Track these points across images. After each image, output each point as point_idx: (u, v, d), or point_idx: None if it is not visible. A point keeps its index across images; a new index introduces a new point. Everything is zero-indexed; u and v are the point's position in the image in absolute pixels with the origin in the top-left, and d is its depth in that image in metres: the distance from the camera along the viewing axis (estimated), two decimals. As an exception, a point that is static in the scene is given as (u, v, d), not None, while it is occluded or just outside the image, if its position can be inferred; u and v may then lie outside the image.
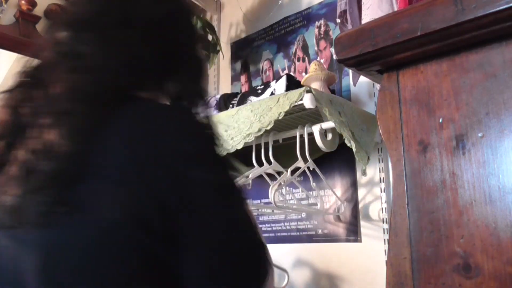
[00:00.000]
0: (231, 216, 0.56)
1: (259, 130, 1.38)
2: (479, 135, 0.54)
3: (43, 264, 0.50)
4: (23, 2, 2.02)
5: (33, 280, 0.50)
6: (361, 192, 1.61)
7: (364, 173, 1.43)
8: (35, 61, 0.66)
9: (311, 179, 1.49)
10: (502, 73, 0.53)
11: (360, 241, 1.57)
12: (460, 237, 0.53)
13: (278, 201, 1.73)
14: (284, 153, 1.57)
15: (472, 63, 0.56)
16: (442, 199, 0.55)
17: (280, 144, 1.53)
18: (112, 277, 0.50)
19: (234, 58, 2.21)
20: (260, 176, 1.49)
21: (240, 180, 1.46)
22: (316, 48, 1.87)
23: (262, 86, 1.54)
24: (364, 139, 1.40)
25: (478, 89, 0.55)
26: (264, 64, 2.06)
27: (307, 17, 1.92)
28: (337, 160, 1.65)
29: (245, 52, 2.16)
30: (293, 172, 1.41)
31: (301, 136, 1.39)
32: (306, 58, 1.89)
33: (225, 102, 1.64)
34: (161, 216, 0.51)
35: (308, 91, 1.29)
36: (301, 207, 1.64)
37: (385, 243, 1.49)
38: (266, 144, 1.48)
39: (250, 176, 1.44)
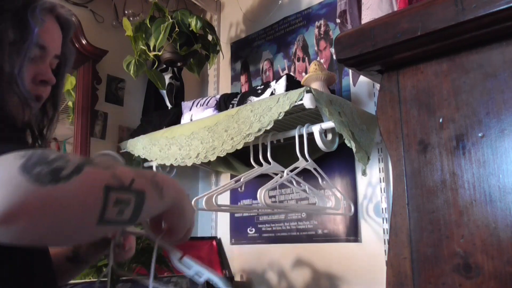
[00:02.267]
0: None
1: (259, 130, 1.38)
2: (479, 135, 0.54)
3: None
4: (23, 2, 2.02)
5: None
6: (361, 192, 1.61)
7: (364, 173, 1.43)
8: None
9: (319, 179, 1.50)
10: (502, 73, 0.53)
11: (360, 241, 1.57)
12: (460, 237, 0.53)
13: (269, 202, 1.73)
14: (284, 153, 1.57)
15: (472, 63, 0.56)
16: (442, 199, 0.55)
17: (279, 144, 1.53)
18: None
19: (234, 58, 2.21)
20: (261, 176, 1.49)
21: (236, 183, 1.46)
22: (316, 48, 1.87)
23: (262, 86, 1.54)
24: (364, 139, 1.40)
25: (478, 89, 0.55)
26: (264, 64, 2.06)
27: (307, 17, 1.92)
28: (337, 160, 1.65)
29: (245, 52, 2.16)
30: (293, 172, 1.42)
31: (301, 136, 1.39)
32: (306, 58, 1.89)
33: (225, 102, 1.64)
34: None
35: (308, 91, 1.29)
36: (309, 207, 1.64)
37: (385, 243, 1.49)
38: (265, 145, 1.48)
39: (242, 179, 1.44)
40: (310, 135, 1.38)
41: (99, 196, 0.47)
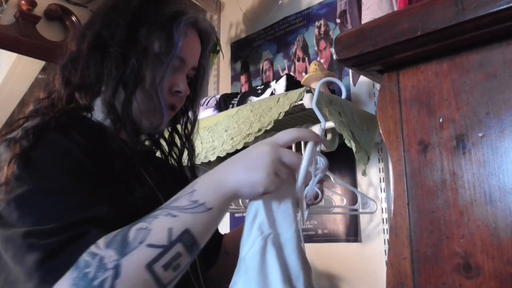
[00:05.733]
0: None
1: (259, 130, 1.38)
2: (480, 135, 0.54)
3: None
4: (23, 2, 2.02)
5: None
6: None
7: (364, 173, 1.43)
8: None
9: (332, 177, 1.49)
10: (503, 73, 0.53)
11: (360, 241, 1.57)
12: (460, 237, 0.53)
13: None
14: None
15: (473, 63, 0.56)
16: (442, 199, 0.55)
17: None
18: None
19: (234, 58, 2.21)
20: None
21: None
22: (316, 48, 1.87)
23: (262, 86, 1.54)
24: (364, 139, 1.40)
25: (479, 89, 0.55)
26: (264, 64, 2.06)
27: (307, 17, 1.92)
28: (337, 160, 1.65)
29: (245, 52, 2.16)
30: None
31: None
32: (306, 58, 1.89)
33: (225, 102, 1.64)
34: None
35: (308, 91, 1.29)
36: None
37: (385, 243, 1.49)
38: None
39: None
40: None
41: (147, 279, 0.53)
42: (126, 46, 0.75)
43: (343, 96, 0.68)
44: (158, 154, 0.96)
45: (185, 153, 0.93)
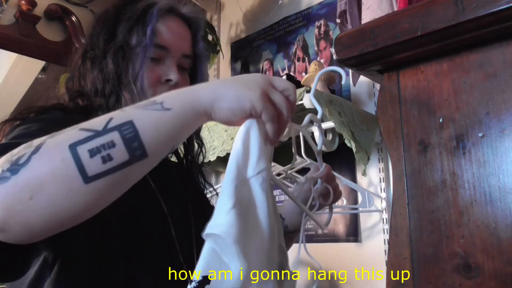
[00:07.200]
0: None
1: (259, 130, 1.37)
2: (480, 135, 0.54)
3: None
4: (23, 2, 2.02)
5: None
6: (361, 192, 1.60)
7: (364, 173, 1.43)
8: None
9: (336, 177, 1.49)
10: (503, 73, 0.53)
11: (360, 241, 1.57)
12: (460, 237, 0.53)
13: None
14: (286, 153, 1.57)
15: (473, 63, 0.56)
16: (442, 199, 0.55)
17: (281, 144, 1.53)
18: None
19: (234, 58, 2.21)
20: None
21: None
22: (316, 48, 1.87)
23: (262, 86, 1.54)
24: (364, 139, 1.40)
25: (479, 89, 0.55)
26: (264, 64, 2.06)
27: (307, 17, 1.92)
28: (337, 160, 1.65)
29: (245, 52, 2.16)
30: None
31: (298, 136, 1.39)
32: (306, 58, 1.89)
33: (225, 102, 1.64)
34: None
35: (308, 91, 1.29)
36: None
37: (385, 243, 1.49)
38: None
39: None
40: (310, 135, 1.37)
41: (65, 158, 0.45)
42: (105, 49, 0.77)
43: (343, 81, 0.66)
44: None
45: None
